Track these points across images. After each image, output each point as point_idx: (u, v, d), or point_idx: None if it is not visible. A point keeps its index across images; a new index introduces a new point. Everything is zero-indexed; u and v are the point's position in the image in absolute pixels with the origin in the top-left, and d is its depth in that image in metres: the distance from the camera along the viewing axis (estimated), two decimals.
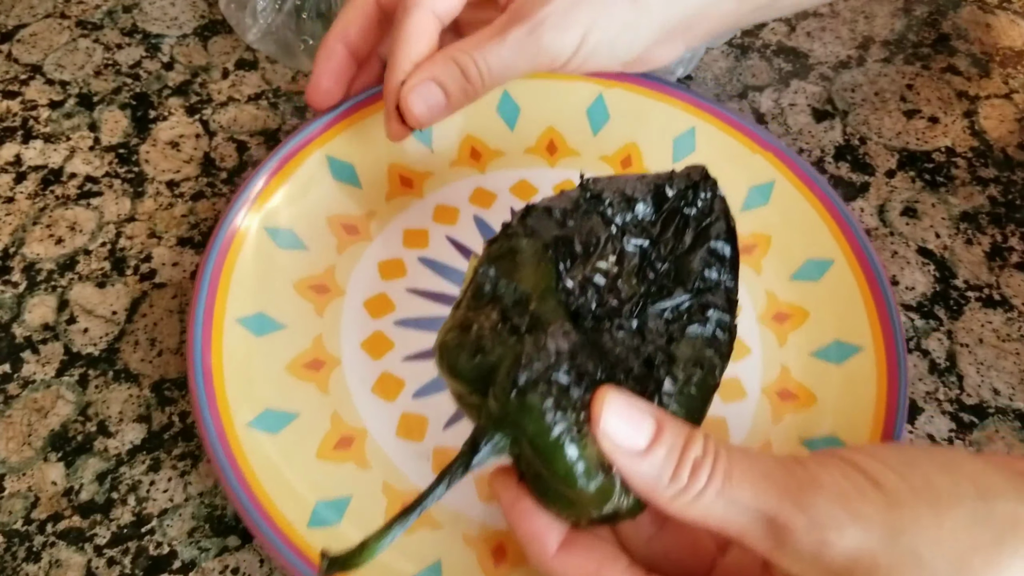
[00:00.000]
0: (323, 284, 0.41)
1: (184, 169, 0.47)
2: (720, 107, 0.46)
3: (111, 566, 0.35)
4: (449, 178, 0.45)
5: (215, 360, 0.36)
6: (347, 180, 0.43)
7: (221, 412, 0.35)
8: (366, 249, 0.42)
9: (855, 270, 0.41)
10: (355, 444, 0.37)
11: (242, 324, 0.38)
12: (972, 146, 0.50)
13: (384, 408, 0.38)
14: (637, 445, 0.26)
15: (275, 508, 0.33)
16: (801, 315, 0.41)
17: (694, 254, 0.32)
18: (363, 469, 0.36)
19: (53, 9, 0.55)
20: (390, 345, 0.40)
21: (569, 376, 0.27)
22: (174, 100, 0.50)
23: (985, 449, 0.39)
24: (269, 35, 0.51)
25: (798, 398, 0.39)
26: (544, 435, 0.26)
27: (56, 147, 0.48)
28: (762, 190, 0.44)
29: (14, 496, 0.36)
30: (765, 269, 0.42)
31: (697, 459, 0.25)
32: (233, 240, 0.40)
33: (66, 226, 0.45)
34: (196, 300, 0.38)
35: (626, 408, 0.26)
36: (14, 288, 0.42)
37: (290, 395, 0.37)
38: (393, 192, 0.44)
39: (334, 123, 0.43)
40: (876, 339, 0.39)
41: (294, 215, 0.42)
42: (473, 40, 0.36)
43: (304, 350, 0.39)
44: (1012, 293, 0.44)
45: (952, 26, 0.57)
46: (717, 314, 0.31)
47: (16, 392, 0.39)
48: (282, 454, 0.35)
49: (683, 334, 0.30)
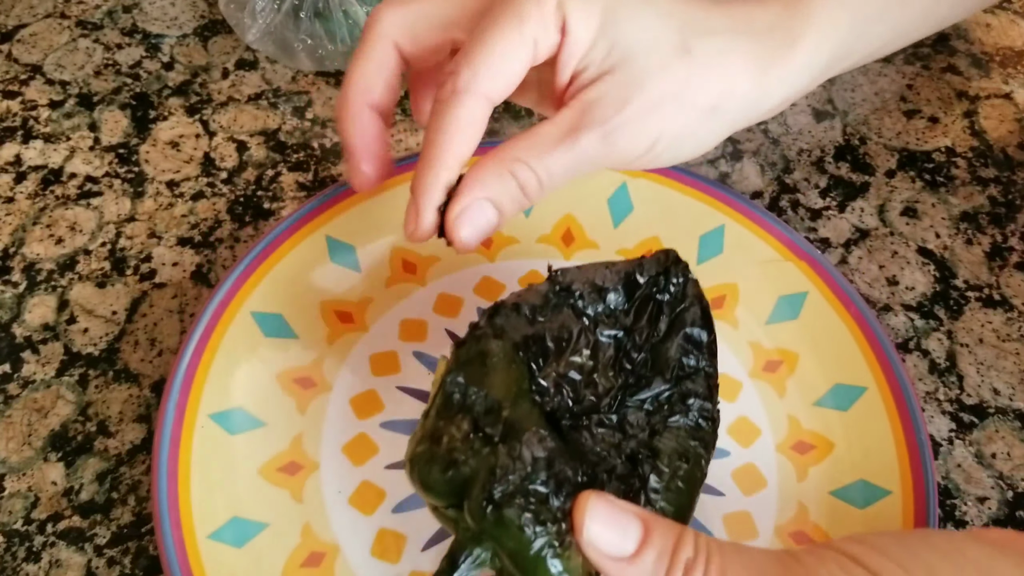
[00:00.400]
0: (309, 378, 0.38)
1: (184, 169, 0.47)
2: (752, 207, 0.43)
3: (111, 566, 0.35)
4: (456, 265, 0.42)
5: (183, 459, 0.34)
6: (346, 264, 0.41)
7: (183, 520, 0.33)
8: (359, 340, 0.40)
9: (887, 400, 0.37)
10: (324, 562, 0.34)
11: (215, 420, 0.36)
12: (972, 146, 0.50)
13: (361, 522, 0.35)
14: (625, 551, 0.25)
15: None
16: (826, 446, 0.37)
17: (670, 341, 0.31)
18: None
19: (53, 9, 0.55)
20: (374, 450, 0.37)
21: (548, 486, 0.26)
22: (174, 100, 0.50)
23: (985, 449, 0.39)
24: (268, 35, 0.51)
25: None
26: (524, 550, 0.25)
27: (56, 147, 0.48)
28: (792, 301, 0.41)
29: (14, 496, 0.36)
30: (789, 391, 0.39)
31: (689, 560, 0.24)
32: (217, 325, 0.38)
33: (66, 226, 0.45)
34: (168, 394, 0.35)
35: (610, 513, 0.25)
36: (14, 288, 0.42)
37: (261, 503, 0.35)
38: (395, 278, 0.42)
39: (335, 202, 0.41)
40: (905, 485, 0.35)
41: (284, 301, 0.39)
42: (531, 143, 0.31)
43: (282, 450, 0.36)
44: (1012, 293, 0.44)
45: (952, 26, 0.57)
46: (699, 402, 0.30)
47: (16, 392, 0.39)
48: (245, 570, 0.33)
49: (665, 426, 0.29)
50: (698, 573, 0.24)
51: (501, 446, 0.26)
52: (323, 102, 0.50)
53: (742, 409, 0.39)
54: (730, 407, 0.39)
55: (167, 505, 0.33)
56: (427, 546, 0.35)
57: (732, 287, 0.42)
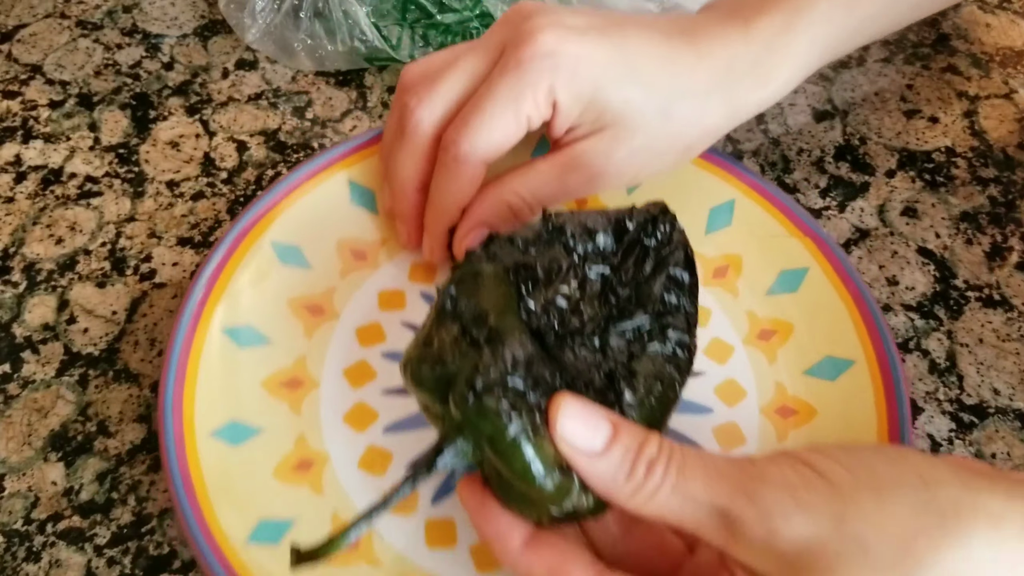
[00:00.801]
0: (319, 305, 0.41)
1: (184, 169, 0.47)
2: (764, 183, 0.44)
3: (111, 566, 0.35)
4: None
5: (192, 364, 0.37)
6: (365, 206, 0.44)
7: (185, 417, 0.35)
8: (370, 276, 0.42)
9: (874, 375, 0.38)
10: (314, 468, 0.36)
11: (227, 334, 0.38)
12: (972, 146, 0.50)
13: (352, 437, 0.37)
14: (593, 447, 0.27)
15: (215, 519, 0.33)
16: (809, 412, 0.39)
17: (654, 280, 0.33)
18: (316, 494, 0.35)
19: (53, 9, 0.55)
20: (373, 375, 0.39)
21: (525, 383, 0.28)
22: (174, 100, 0.50)
23: (985, 449, 0.39)
24: (268, 35, 0.51)
25: None
26: (501, 435, 0.27)
27: (56, 147, 0.48)
28: (793, 275, 0.42)
29: (14, 496, 0.36)
30: (780, 359, 0.40)
31: (652, 458, 0.27)
32: (237, 248, 0.40)
33: (66, 226, 0.45)
34: (184, 305, 0.38)
35: (582, 411, 0.27)
36: (14, 288, 0.42)
37: (261, 411, 0.37)
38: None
39: (359, 149, 0.44)
40: (880, 427, 0.36)
41: (303, 234, 0.42)
42: (526, 179, 0.38)
43: (285, 367, 0.38)
44: (1012, 293, 0.44)
45: (952, 26, 0.57)
46: (677, 334, 0.32)
47: (16, 392, 0.39)
48: (239, 466, 0.35)
49: (644, 351, 0.31)
50: (659, 469, 0.26)
51: (486, 347, 0.28)
52: (323, 102, 0.50)
53: (731, 372, 0.40)
54: (720, 369, 0.40)
55: (172, 402, 0.36)
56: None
57: (736, 258, 0.43)
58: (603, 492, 0.27)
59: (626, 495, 0.27)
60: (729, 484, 0.26)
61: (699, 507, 0.26)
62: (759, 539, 0.25)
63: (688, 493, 0.26)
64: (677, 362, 0.32)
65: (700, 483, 0.26)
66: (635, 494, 0.26)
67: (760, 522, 0.25)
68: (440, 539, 0.35)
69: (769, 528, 0.25)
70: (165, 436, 0.35)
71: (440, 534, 0.35)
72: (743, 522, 0.25)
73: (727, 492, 0.26)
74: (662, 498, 0.26)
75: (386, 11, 0.50)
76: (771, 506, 0.25)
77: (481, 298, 0.30)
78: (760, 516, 0.25)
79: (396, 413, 0.38)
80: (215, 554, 0.32)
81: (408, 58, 0.50)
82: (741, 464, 0.26)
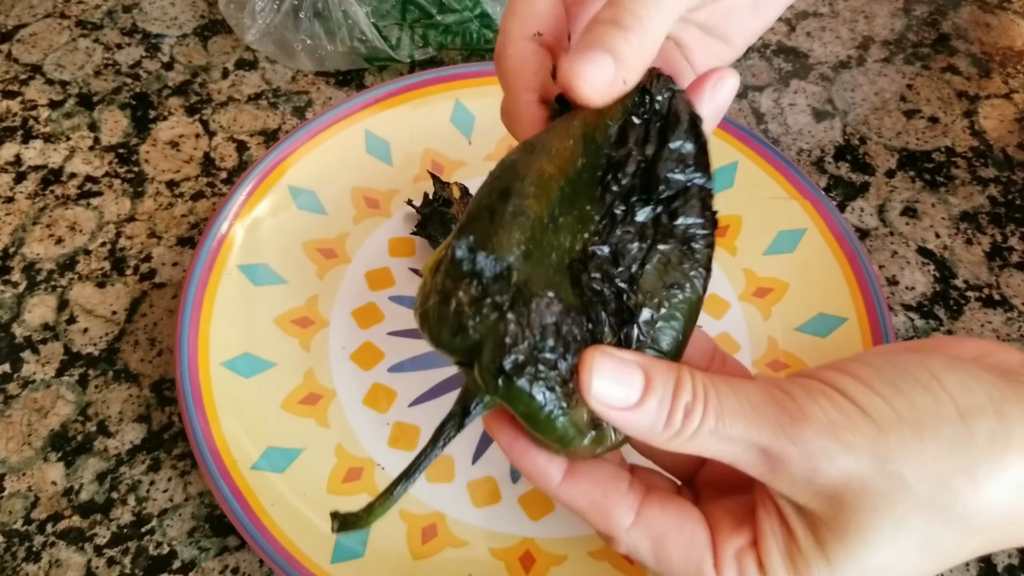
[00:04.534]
0: (331, 249, 0.43)
1: (184, 169, 0.47)
2: (768, 147, 0.45)
3: (111, 566, 0.35)
4: (481, 171, 0.45)
5: (208, 298, 0.39)
6: (380, 156, 0.45)
7: (200, 350, 0.38)
8: (382, 224, 0.44)
9: (864, 331, 0.40)
10: (321, 402, 0.38)
11: (242, 271, 0.40)
12: (972, 146, 0.50)
13: (358, 375, 0.39)
14: (628, 401, 0.26)
15: (223, 440, 0.36)
16: (799, 367, 0.40)
17: (658, 161, 0.28)
18: (321, 427, 0.38)
19: (53, 9, 0.55)
20: (380, 317, 0.41)
21: (555, 351, 0.26)
22: (174, 100, 0.50)
23: None
24: (268, 35, 0.51)
25: None
26: (536, 413, 0.26)
27: (56, 147, 0.48)
28: (791, 236, 0.43)
29: (14, 496, 0.36)
30: (774, 315, 0.42)
31: (688, 403, 0.26)
32: (256, 191, 0.41)
33: (66, 226, 0.45)
34: (203, 243, 0.40)
35: (613, 367, 0.26)
36: (14, 288, 0.42)
37: (273, 345, 0.39)
38: (422, 176, 0.45)
39: (376, 101, 0.45)
40: None
41: (320, 180, 0.44)
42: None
43: (298, 306, 0.40)
44: (1012, 293, 0.44)
45: (952, 26, 0.57)
46: (689, 220, 0.28)
47: (16, 392, 0.39)
48: (250, 396, 0.37)
49: (654, 252, 0.28)
50: (697, 414, 0.26)
51: (510, 313, 0.26)
52: (323, 102, 0.50)
53: (726, 326, 0.41)
54: (715, 323, 0.41)
55: (188, 333, 0.38)
56: (415, 403, 0.39)
57: (737, 219, 0.44)
58: (641, 440, 0.27)
59: (664, 440, 0.27)
60: (769, 424, 0.26)
61: (738, 445, 0.26)
62: (801, 475, 0.25)
63: (727, 434, 0.26)
64: (694, 255, 0.28)
65: (739, 424, 0.26)
66: (673, 439, 0.26)
67: (802, 461, 0.25)
68: (440, 475, 0.37)
69: (812, 467, 0.25)
70: (181, 367, 0.37)
71: (440, 471, 0.37)
72: (785, 461, 0.25)
73: (767, 432, 0.26)
74: (701, 441, 0.26)
75: (386, 11, 0.50)
76: (814, 447, 0.25)
77: (499, 245, 0.27)
78: (803, 455, 0.25)
79: (401, 353, 0.40)
80: (220, 469, 0.35)
81: (408, 58, 0.51)
82: (778, 399, 0.26)
